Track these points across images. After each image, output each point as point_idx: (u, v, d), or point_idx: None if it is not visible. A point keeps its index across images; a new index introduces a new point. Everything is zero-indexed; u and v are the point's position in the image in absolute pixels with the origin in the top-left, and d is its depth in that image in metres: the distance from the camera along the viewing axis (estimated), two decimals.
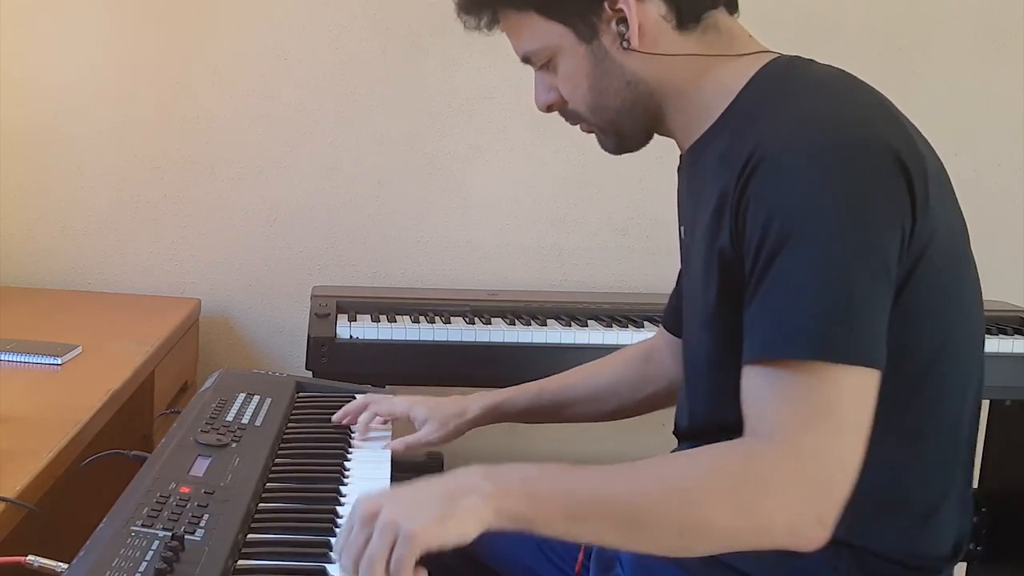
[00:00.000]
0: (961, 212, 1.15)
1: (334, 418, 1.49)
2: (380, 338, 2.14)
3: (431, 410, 1.47)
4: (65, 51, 2.41)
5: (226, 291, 2.52)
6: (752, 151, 1.04)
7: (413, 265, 2.54)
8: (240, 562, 1.04)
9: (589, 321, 2.24)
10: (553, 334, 2.17)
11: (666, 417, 1.39)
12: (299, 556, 1.07)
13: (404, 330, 2.16)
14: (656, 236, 2.54)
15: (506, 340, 2.15)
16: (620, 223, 2.56)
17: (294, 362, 2.45)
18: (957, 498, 1.17)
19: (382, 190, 2.51)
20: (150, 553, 0.98)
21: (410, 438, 1.47)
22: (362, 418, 1.48)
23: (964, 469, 1.18)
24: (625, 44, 1.15)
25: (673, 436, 1.35)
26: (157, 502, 1.10)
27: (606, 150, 1.28)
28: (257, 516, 1.15)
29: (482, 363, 2.13)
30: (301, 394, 1.60)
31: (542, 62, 1.23)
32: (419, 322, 2.20)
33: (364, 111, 2.47)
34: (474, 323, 2.21)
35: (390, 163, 2.50)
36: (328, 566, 1.05)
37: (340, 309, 2.22)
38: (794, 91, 1.11)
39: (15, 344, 1.80)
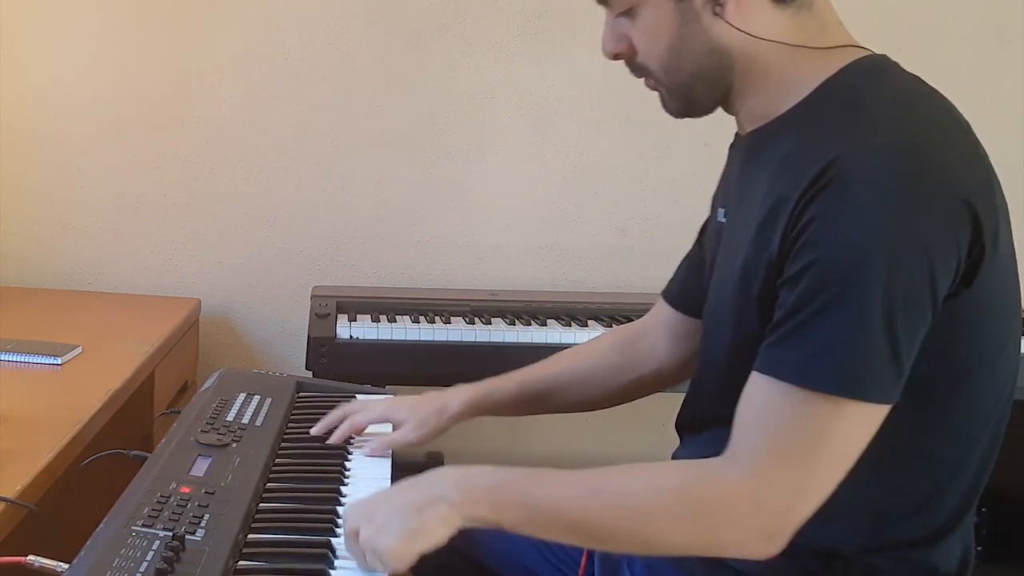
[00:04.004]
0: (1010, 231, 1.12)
1: (313, 431, 1.41)
2: (380, 338, 2.14)
3: (410, 410, 1.42)
4: (65, 51, 2.41)
5: (226, 291, 2.52)
6: (825, 168, 1.01)
7: (413, 265, 2.54)
8: (240, 562, 1.04)
9: (589, 321, 2.24)
10: (553, 334, 2.17)
11: (666, 416, 1.39)
12: (299, 556, 1.07)
13: (404, 330, 2.16)
14: (656, 236, 2.54)
15: (506, 340, 2.16)
16: (620, 223, 2.56)
17: (294, 362, 2.44)
18: (969, 517, 1.17)
19: (382, 190, 2.51)
20: (151, 553, 0.98)
21: (389, 438, 1.42)
22: (340, 430, 1.41)
23: (978, 490, 1.17)
24: (717, 10, 1.10)
25: (672, 435, 1.34)
26: (157, 502, 1.10)
27: (669, 112, 1.21)
28: (257, 516, 1.15)
29: (482, 363, 2.12)
30: (301, 394, 1.60)
31: (622, 9, 1.15)
32: (419, 322, 2.20)
33: (364, 111, 2.47)
34: (474, 323, 2.21)
35: (390, 163, 2.50)
36: (328, 566, 1.05)
37: (340, 309, 2.22)
38: (873, 105, 1.07)
39: (15, 344, 1.80)
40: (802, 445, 1.02)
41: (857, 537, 1.12)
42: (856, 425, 1.02)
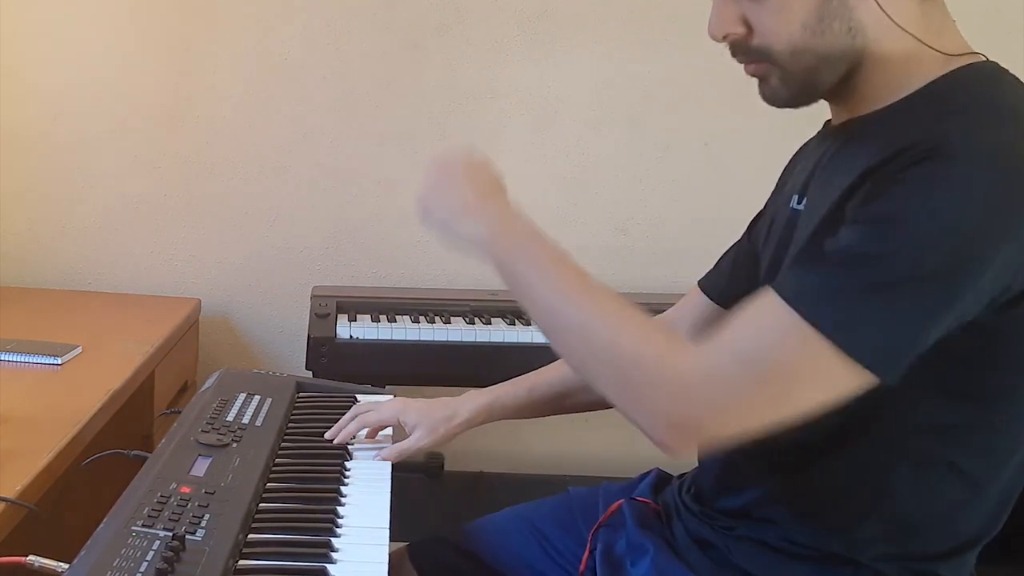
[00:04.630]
0: None
1: (328, 434, 1.43)
2: (380, 338, 2.14)
3: (420, 415, 1.42)
4: (65, 52, 2.41)
5: (226, 291, 2.52)
6: (929, 138, 0.98)
7: (413, 265, 2.54)
8: (240, 562, 1.04)
9: None
10: None
11: None
12: (299, 556, 1.07)
13: (404, 330, 2.16)
14: (656, 236, 2.54)
15: (506, 340, 2.16)
16: (620, 223, 2.56)
17: (294, 362, 2.44)
18: (989, 538, 1.16)
19: (382, 190, 2.51)
20: (151, 553, 0.98)
21: (400, 446, 1.42)
22: (360, 434, 1.44)
23: (1002, 515, 1.16)
24: None
25: None
26: (158, 502, 1.10)
27: (771, 101, 1.13)
28: (257, 516, 1.15)
29: (482, 363, 2.13)
30: (301, 394, 1.60)
31: None
32: (419, 322, 2.20)
33: (364, 111, 2.47)
34: (474, 323, 2.21)
35: (390, 163, 2.50)
36: (328, 566, 1.05)
37: (340, 309, 2.22)
38: (991, 101, 1.04)
39: (15, 344, 1.80)
40: (768, 363, 0.96)
41: (873, 545, 1.11)
42: (833, 380, 0.96)
